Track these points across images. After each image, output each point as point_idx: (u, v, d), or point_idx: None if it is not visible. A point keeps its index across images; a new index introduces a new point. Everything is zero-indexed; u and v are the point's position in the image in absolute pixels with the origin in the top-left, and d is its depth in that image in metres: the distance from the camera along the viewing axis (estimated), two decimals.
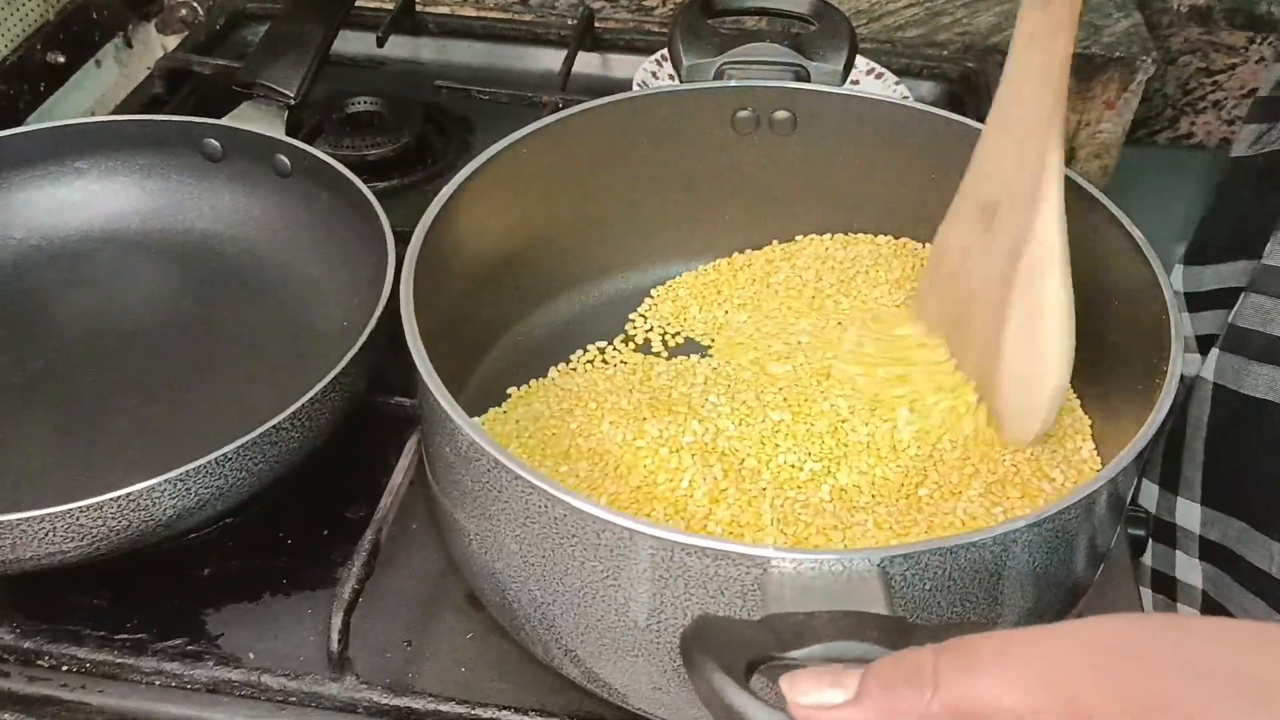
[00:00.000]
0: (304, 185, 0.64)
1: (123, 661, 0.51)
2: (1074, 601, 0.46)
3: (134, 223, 0.67)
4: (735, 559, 0.38)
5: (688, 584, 0.39)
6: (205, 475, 0.47)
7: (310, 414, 0.50)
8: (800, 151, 0.62)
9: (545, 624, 0.45)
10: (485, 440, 0.41)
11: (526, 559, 0.43)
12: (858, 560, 0.37)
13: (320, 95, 0.83)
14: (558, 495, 0.39)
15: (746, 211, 0.64)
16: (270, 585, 0.55)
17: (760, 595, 0.38)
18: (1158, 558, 0.72)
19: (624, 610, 0.41)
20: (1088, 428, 0.54)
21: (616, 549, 0.39)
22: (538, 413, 0.55)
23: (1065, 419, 0.54)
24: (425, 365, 0.44)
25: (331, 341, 0.59)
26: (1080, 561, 0.44)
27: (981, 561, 0.39)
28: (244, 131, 0.65)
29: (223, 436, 0.49)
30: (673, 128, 0.61)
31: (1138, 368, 0.49)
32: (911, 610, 0.39)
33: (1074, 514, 0.40)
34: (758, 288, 0.63)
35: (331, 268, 0.63)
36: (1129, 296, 0.52)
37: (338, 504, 0.58)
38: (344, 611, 0.48)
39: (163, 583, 0.54)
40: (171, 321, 0.63)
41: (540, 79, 0.88)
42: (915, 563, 0.38)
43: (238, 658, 0.52)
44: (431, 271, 0.51)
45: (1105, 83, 0.93)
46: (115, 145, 0.66)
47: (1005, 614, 0.42)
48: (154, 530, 0.48)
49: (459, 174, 0.55)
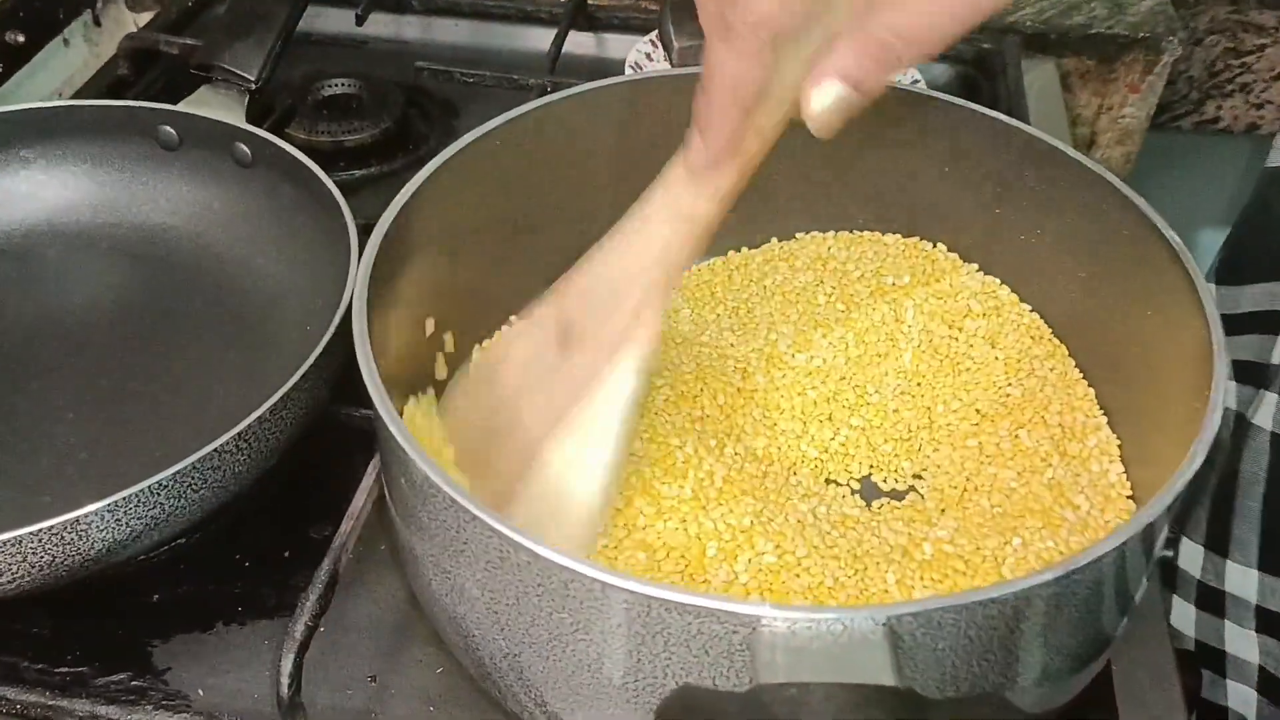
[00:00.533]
0: (266, 176, 0.61)
1: (55, 704, 0.47)
2: (1101, 650, 0.42)
3: (83, 215, 0.63)
4: (720, 617, 0.33)
5: (667, 642, 0.35)
6: (138, 504, 0.43)
7: (259, 434, 0.46)
8: (802, 143, 0.56)
9: (514, 672, 0.40)
10: (440, 476, 0.37)
11: (490, 606, 0.39)
12: (861, 619, 0.33)
13: (295, 76, 0.79)
14: (520, 541, 0.35)
15: (742, 207, 0.58)
16: (224, 613, 0.51)
17: (749, 657, 0.33)
18: (1203, 628, 0.67)
19: (597, 666, 0.37)
20: (1116, 448, 0.49)
21: (587, 601, 0.35)
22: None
23: (1090, 438, 0.50)
24: (375, 383, 0.40)
25: (293, 347, 0.54)
26: (1112, 609, 0.39)
27: (1002, 617, 0.35)
28: (201, 118, 0.61)
29: (171, 453, 0.45)
30: (664, 116, 0.55)
31: (1174, 383, 0.45)
32: (921, 671, 0.35)
33: (1107, 562, 0.36)
34: (753, 289, 0.59)
35: (295, 266, 0.60)
36: (1161, 305, 0.47)
37: (300, 522, 0.54)
38: (295, 652, 0.44)
39: (108, 609, 0.51)
40: (121, 324, 0.60)
41: (529, 59, 0.84)
42: (927, 621, 0.34)
43: (185, 695, 0.48)
44: (395, 273, 0.47)
45: (1129, 65, 0.88)
46: (64, 132, 0.63)
47: (1026, 671, 0.37)
48: (82, 565, 0.43)
49: (425, 167, 0.50)
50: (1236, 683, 0.66)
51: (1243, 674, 0.65)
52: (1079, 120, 0.91)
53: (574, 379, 0.44)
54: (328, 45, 0.87)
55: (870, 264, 0.58)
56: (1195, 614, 0.66)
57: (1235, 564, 0.63)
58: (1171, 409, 0.44)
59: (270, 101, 0.74)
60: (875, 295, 0.57)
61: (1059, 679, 0.40)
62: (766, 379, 0.54)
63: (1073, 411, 0.50)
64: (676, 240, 0.43)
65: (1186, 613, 0.67)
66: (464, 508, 0.36)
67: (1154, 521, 0.36)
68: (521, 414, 0.46)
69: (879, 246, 0.59)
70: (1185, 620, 0.67)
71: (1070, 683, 0.41)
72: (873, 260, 0.58)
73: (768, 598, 0.43)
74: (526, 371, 0.47)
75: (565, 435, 0.44)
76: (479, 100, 0.81)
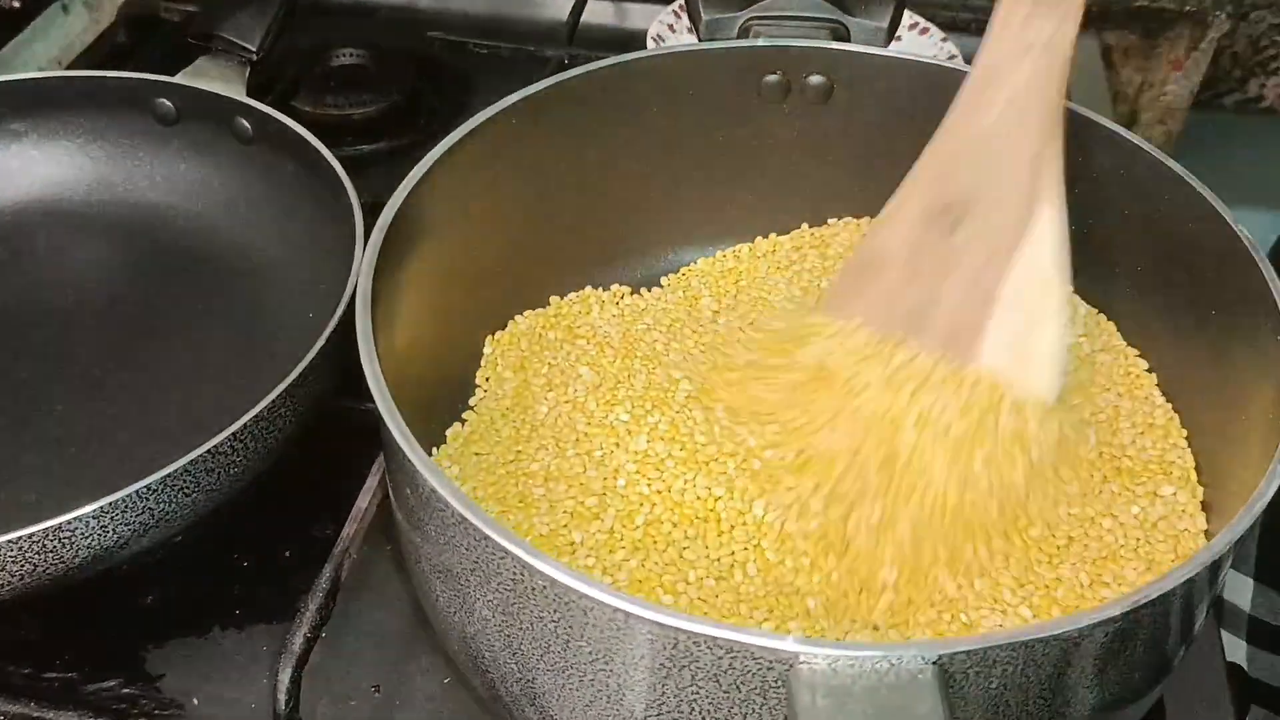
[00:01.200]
0: (268, 153, 0.58)
1: (41, 715, 0.45)
2: (1157, 681, 0.39)
3: (77, 193, 0.61)
4: (754, 652, 0.31)
5: (695, 676, 0.32)
6: (125, 510, 0.40)
7: (256, 433, 0.43)
8: (837, 122, 0.54)
9: (527, 697, 0.38)
10: (449, 489, 0.34)
11: (502, 628, 0.36)
12: (909, 657, 0.30)
13: (302, 45, 0.76)
14: (535, 565, 0.32)
15: (772, 191, 0.57)
16: (221, 616, 0.49)
17: (786, 695, 0.30)
18: (1258, 665, 0.63)
19: (618, 699, 0.34)
20: (1192, 470, 0.46)
21: (608, 631, 0.32)
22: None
23: (1164, 459, 0.46)
24: (378, 381, 0.38)
25: (295, 336, 0.52)
26: (1175, 642, 0.36)
27: (1063, 655, 0.32)
28: (200, 91, 0.59)
29: (165, 450, 0.43)
30: (689, 94, 0.54)
31: (1253, 398, 0.41)
32: (971, 711, 0.32)
33: (1174, 596, 0.33)
34: (781, 278, 0.55)
35: (298, 249, 0.57)
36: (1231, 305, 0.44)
37: (302, 520, 0.52)
38: (293, 666, 0.42)
39: (100, 612, 0.49)
40: (115, 310, 0.58)
41: (547, 29, 0.82)
42: (980, 659, 0.31)
43: (178, 704, 0.46)
44: (404, 258, 0.45)
45: (1173, 40, 0.85)
46: (57, 105, 0.60)
47: (1080, 708, 0.35)
48: (66, 574, 0.41)
49: (436, 147, 0.48)
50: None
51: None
52: (1120, 97, 0.88)
53: (973, 254, 0.43)
54: (336, 12, 0.84)
55: None
56: (1247, 649, 0.63)
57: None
58: (1250, 424, 0.41)
59: (275, 72, 0.72)
60: None
61: (1115, 713, 0.37)
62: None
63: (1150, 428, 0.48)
64: (1040, 79, 0.41)
65: (1237, 647, 0.63)
66: (474, 526, 0.33)
67: (1220, 557, 0.33)
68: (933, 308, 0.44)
69: None
70: (1236, 654, 0.64)
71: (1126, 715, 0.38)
72: None
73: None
74: (919, 257, 0.45)
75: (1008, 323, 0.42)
76: (493, 72, 0.78)
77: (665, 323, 0.54)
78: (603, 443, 0.46)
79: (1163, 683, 0.39)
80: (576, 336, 0.53)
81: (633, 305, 0.55)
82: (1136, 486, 0.45)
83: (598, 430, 0.47)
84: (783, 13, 0.53)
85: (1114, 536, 0.43)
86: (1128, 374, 0.50)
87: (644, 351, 0.52)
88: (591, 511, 0.44)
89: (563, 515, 0.44)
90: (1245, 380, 0.42)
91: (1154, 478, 0.45)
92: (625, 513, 0.44)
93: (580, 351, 0.52)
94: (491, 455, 0.47)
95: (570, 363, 0.51)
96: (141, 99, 0.59)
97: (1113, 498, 0.45)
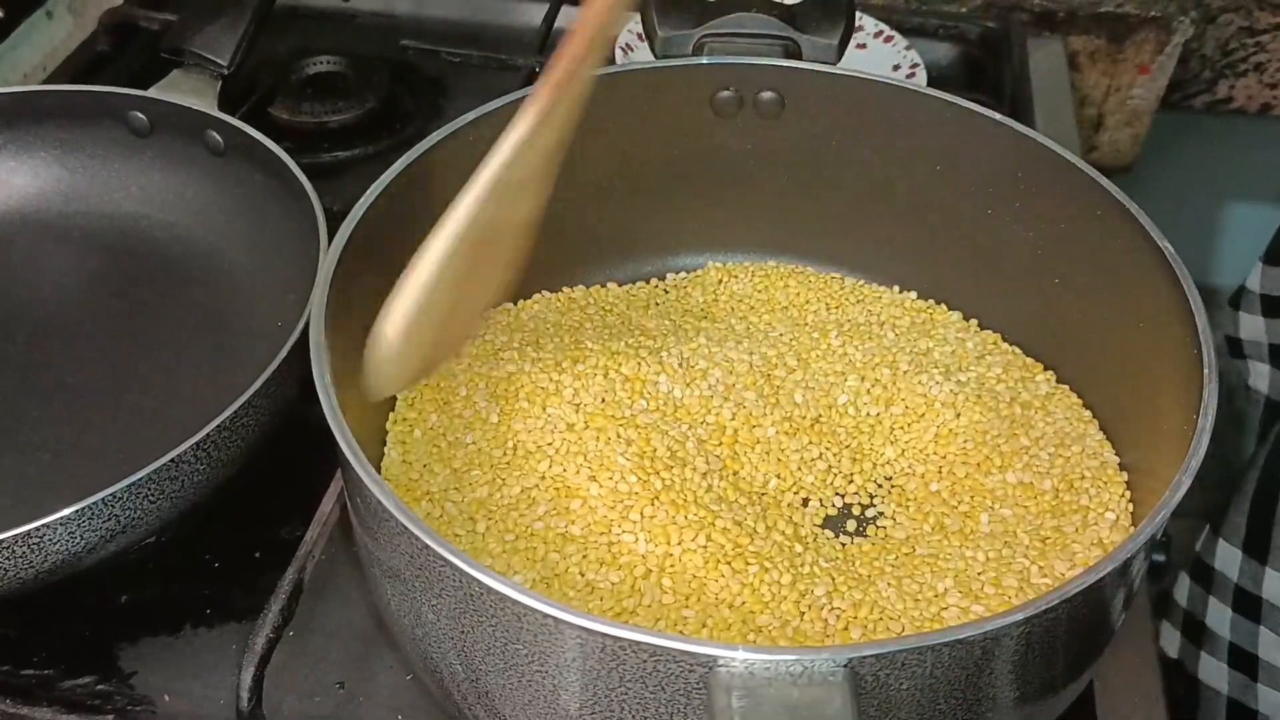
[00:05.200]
0: (239, 165, 0.59)
1: (17, 712, 0.46)
2: (1075, 678, 0.40)
3: (53, 204, 0.62)
4: (675, 656, 0.32)
5: (623, 678, 0.33)
6: (92, 516, 0.42)
7: (219, 442, 0.45)
8: (788, 137, 0.55)
9: (475, 694, 0.39)
10: (392, 500, 0.35)
11: (448, 631, 0.37)
12: (821, 660, 0.32)
13: (280, 52, 0.77)
14: (473, 573, 0.34)
15: (727, 209, 0.58)
16: (192, 615, 0.50)
17: (706, 697, 0.32)
18: (1238, 631, 0.65)
19: (553, 698, 0.36)
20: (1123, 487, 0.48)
21: (540, 635, 0.34)
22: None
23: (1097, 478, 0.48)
24: (328, 397, 0.39)
25: (264, 344, 0.53)
26: (1091, 641, 0.38)
27: (970, 657, 0.33)
28: (171, 105, 0.59)
29: (138, 455, 0.44)
30: (644, 108, 0.54)
31: (1170, 399, 0.43)
32: (883, 712, 0.33)
33: (1078, 600, 0.34)
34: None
35: (268, 258, 0.58)
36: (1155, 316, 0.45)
37: (271, 522, 0.53)
38: (255, 665, 0.43)
39: (77, 610, 0.50)
40: (90, 318, 0.59)
41: (521, 36, 0.81)
42: (890, 662, 0.32)
43: (150, 700, 0.48)
44: (368, 270, 0.45)
45: (1139, 45, 0.86)
46: (32, 118, 0.61)
47: (997, 706, 0.36)
48: (35, 578, 0.42)
49: (399, 160, 0.49)
50: (1268, 688, 0.64)
51: (1275, 680, 0.64)
52: (1086, 101, 0.89)
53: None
54: (314, 19, 0.85)
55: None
56: (1231, 616, 0.65)
57: (1276, 571, 0.61)
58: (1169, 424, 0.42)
59: (252, 79, 0.73)
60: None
61: (1034, 709, 0.39)
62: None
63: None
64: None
65: (1222, 615, 0.65)
66: (416, 536, 0.35)
67: (1132, 556, 0.35)
68: None
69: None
70: (1220, 622, 0.65)
71: (1046, 709, 0.40)
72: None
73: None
74: None
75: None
76: (467, 78, 0.79)
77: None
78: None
79: (1085, 676, 0.41)
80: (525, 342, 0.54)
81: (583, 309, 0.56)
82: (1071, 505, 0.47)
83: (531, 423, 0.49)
84: (736, 30, 0.54)
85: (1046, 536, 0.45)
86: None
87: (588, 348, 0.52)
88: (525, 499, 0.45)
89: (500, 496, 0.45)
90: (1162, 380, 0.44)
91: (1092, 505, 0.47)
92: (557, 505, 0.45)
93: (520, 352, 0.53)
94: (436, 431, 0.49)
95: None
96: (116, 112, 0.60)
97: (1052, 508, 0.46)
